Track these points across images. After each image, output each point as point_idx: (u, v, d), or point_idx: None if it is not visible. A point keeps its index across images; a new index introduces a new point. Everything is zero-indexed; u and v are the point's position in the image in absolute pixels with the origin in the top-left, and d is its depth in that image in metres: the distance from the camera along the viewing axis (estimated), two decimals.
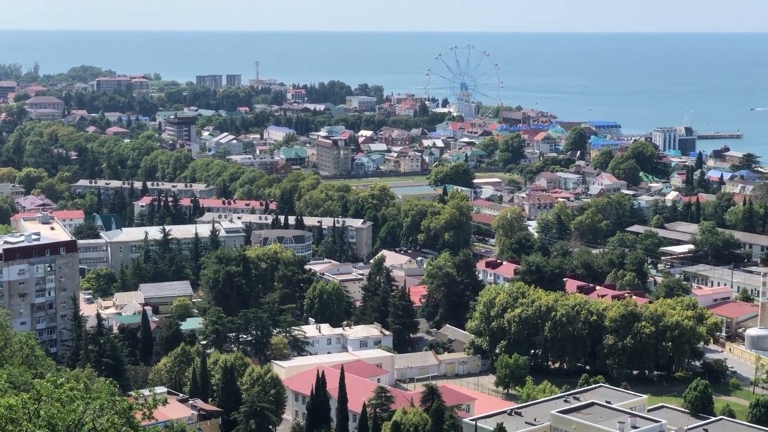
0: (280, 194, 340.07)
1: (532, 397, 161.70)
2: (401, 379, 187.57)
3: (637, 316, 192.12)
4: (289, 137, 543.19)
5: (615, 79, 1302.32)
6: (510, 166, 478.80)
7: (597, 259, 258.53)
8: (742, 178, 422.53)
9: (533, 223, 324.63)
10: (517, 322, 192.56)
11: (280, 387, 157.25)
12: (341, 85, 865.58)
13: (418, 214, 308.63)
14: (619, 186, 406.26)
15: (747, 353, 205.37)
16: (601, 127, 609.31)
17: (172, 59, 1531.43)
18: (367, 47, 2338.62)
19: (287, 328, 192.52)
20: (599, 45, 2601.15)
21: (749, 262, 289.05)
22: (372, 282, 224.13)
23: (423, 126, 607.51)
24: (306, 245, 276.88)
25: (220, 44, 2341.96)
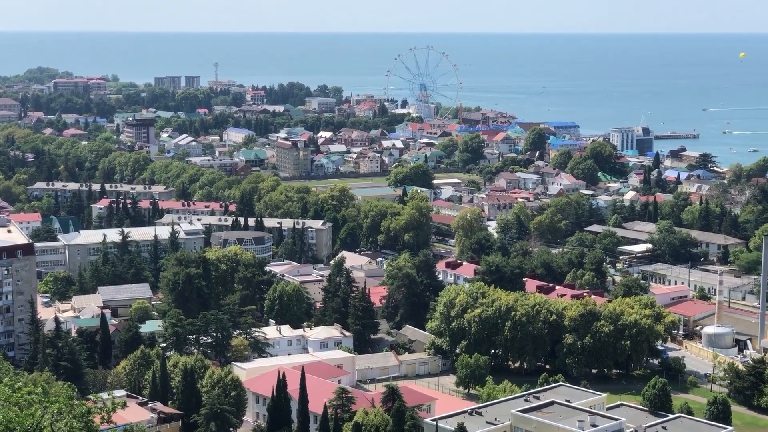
0: (239, 196, 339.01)
1: (492, 396, 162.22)
2: (362, 380, 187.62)
3: (596, 315, 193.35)
4: (249, 139, 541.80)
5: (573, 79, 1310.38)
6: (469, 166, 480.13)
7: (556, 259, 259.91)
8: (699, 177, 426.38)
9: (493, 224, 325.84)
10: (477, 322, 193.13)
11: (240, 389, 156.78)
12: (300, 87, 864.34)
13: (377, 215, 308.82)
14: (578, 186, 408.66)
15: (704, 351, 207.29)
16: (559, 127, 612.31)
17: (130, 60, 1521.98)
18: (326, 48, 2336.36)
19: (248, 330, 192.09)
20: (558, 46, 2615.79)
21: (706, 260, 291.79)
22: (332, 283, 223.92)
23: (382, 127, 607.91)
24: (266, 247, 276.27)
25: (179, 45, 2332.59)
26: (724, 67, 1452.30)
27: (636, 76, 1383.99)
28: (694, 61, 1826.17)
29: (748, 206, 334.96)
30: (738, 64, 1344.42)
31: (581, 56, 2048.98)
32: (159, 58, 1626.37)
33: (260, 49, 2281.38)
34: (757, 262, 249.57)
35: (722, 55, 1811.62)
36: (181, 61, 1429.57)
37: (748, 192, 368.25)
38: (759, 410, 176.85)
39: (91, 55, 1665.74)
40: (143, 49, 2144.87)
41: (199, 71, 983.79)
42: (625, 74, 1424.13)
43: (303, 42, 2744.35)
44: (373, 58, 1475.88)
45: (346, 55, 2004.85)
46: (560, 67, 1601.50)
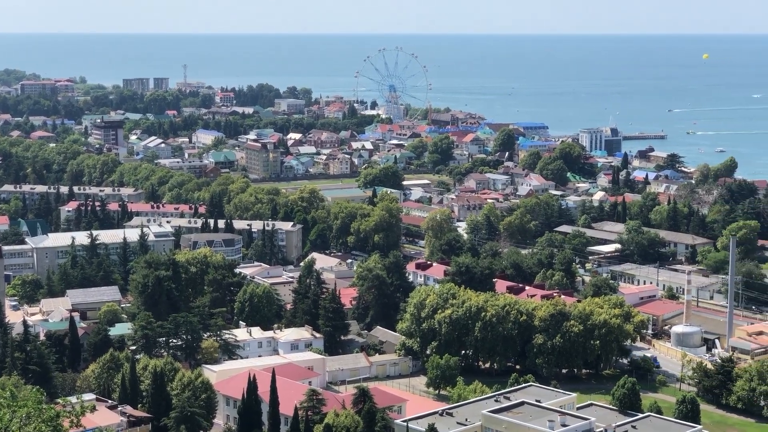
0: (209, 198, 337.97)
1: (463, 397, 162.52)
2: (333, 381, 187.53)
3: (566, 315, 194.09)
4: (218, 140, 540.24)
5: (542, 80, 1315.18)
6: (439, 167, 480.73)
7: (526, 260, 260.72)
8: (667, 177, 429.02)
9: (462, 224, 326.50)
10: (447, 323, 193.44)
11: (210, 391, 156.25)
12: (270, 88, 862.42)
13: (347, 216, 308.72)
14: (547, 186, 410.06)
15: (673, 350, 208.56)
16: (528, 128, 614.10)
17: (98, 62, 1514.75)
18: (295, 50, 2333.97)
19: (218, 332, 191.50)
20: (527, 47, 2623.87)
21: (674, 260, 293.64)
22: (302, 285, 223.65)
23: (352, 128, 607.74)
24: (236, 248, 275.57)
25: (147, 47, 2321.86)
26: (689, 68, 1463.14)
27: (604, 76, 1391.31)
28: (660, 62, 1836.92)
29: (716, 206, 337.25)
30: (702, 65, 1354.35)
31: (550, 57, 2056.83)
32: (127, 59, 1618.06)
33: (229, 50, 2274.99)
34: (724, 262, 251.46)
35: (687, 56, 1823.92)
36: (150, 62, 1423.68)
37: (716, 192, 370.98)
38: (727, 409, 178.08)
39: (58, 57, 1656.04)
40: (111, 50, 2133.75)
41: (167, 73, 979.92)
42: (594, 75, 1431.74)
43: (272, 43, 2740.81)
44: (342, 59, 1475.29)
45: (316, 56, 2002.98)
46: (529, 69, 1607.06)
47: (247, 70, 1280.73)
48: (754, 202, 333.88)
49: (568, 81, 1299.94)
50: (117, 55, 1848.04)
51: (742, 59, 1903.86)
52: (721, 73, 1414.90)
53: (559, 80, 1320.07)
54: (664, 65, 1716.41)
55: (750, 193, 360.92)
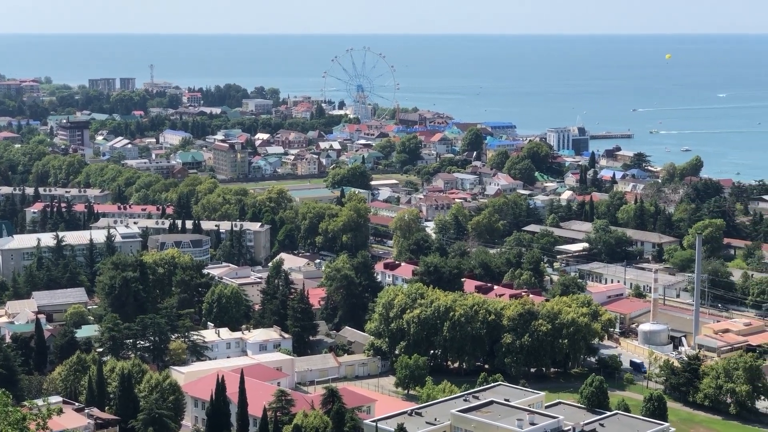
0: (176, 198, 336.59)
1: (432, 397, 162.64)
2: (301, 382, 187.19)
3: (534, 314, 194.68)
4: (186, 141, 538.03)
5: (510, 80, 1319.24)
6: (407, 167, 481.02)
7: (494, 259, 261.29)
8: (634, 177, 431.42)
9: (431, 224, 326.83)
10: (416, 322, 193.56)
11: (179, 393, 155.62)
12: (237, 88, 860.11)
13: (315, 216, 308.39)
14: (515, 186, 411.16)
15: (640, 348, 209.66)
16: (496, 127, 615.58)
17: (64, 62, 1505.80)
18: (262, 50, 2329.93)
19: (186, 333, 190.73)
20: (494, 47, 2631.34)
21: (641, 259, 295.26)
22: (271, 285, 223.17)
23: (320, 128, 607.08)
24: (204, 249, 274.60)
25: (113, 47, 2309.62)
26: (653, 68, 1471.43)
27: (572, 76, 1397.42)
28: (626, 61, 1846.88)
29: (682, 205, 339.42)
30: (665, 65, 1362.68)
31: (518, 57, 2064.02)
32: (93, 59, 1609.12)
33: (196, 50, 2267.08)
34: (690, 260, 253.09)
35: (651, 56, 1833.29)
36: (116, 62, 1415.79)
37: (682, 191, 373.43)
38: (694, 406, 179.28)
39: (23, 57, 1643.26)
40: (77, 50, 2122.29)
41: (134, 73, 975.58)
42: (561, 75, 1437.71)
43: (239, 44, 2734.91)
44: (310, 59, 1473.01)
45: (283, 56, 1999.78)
46: (497, 68, 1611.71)
47: (215, 71, 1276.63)
48: (720, 201, 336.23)
49: (536, 80, 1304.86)
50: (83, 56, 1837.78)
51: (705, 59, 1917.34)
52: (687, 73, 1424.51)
53: (527, 80, 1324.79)
54: (629, 65, 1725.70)
55: (715, 191, 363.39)
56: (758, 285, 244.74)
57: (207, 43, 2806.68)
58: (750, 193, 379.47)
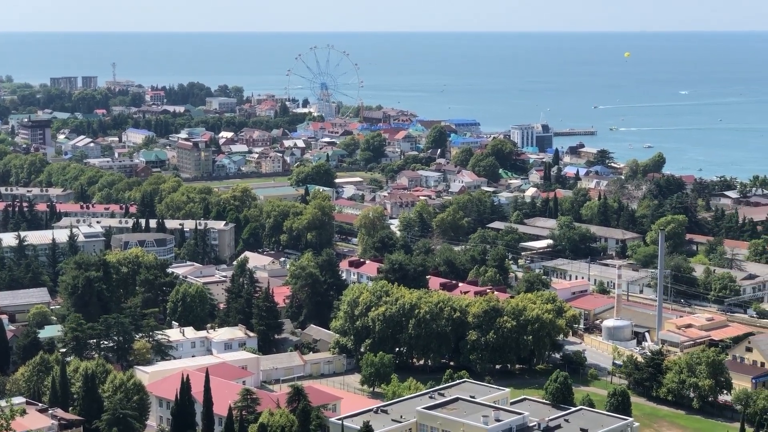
0: (140, 197, 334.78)
1: (397, 394, 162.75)
2: (267, 380, 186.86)
3: (499, 311, 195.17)
4: (149, 140, 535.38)
5: (474, 77, 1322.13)
6: (371, 165, 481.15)
7: (459, 256, 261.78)
8: (597, 173, 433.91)
9: (395, 222, 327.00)
10: (381, 320, 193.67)
11: (143, 393, 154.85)
12: (201, 87, 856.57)
13: (280, 214, 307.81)
14: (480, 183, 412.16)
15: (604, 344, 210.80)
16: (460, 125, 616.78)
17: (25, 61, 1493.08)
18: (226, 48, 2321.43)
19: (150, 333, 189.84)
20: (458, 44, 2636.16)
21: (605, 255, 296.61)
22: (235, 284, 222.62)
23: (284, 126, 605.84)
24: (168, 248, 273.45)
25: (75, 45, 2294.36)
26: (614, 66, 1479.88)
27: (534, 73, 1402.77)
28: (586, 59, 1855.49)
29: (645, 201, 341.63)
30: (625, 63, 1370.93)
31: (482, 54, 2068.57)
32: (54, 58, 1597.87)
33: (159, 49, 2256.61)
34: (653, 256, 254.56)
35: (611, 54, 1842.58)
36: (78, 61, 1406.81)
37: (645, 187, 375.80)
38: (658, 401, 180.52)
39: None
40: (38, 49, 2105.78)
41: (96, 71, 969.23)
42: (525, 72, 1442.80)
43: (203, 42, 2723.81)
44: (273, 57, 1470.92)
45: (247, 54, 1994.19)
46: (461, 66, 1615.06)
47: (178, 69, 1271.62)
48: (682, 197, 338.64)
49: (500, 78, 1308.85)
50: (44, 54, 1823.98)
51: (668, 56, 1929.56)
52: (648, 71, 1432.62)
53: (491, 77, 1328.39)
54: (590, 62, 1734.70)
55: (678, 188, 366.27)
56: (720, 280, 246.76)
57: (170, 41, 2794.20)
58: (711, 189, 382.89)
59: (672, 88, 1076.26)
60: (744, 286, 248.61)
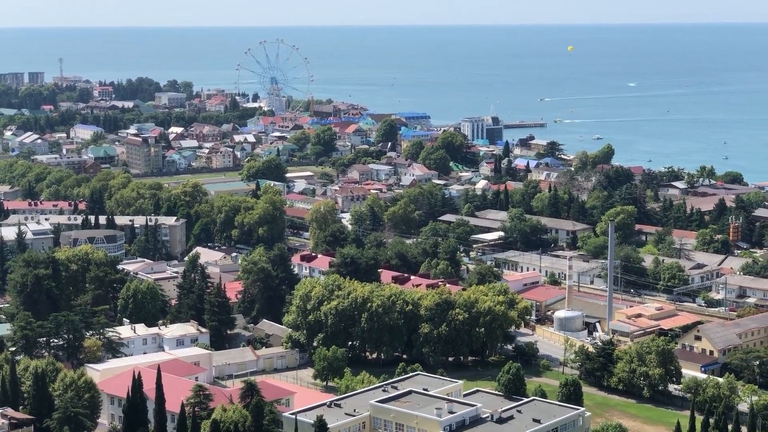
0: (89, 194, 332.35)
1: (350, 388, 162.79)
2: (220, 376, 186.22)
3: (451, 303, 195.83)
4: (98, 136, 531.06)
5: (424, 70, 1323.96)
6: (322, 159, 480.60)
7: (411, 249, 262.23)
8: (547, 165, 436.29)
9: (347, 216, 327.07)
10: (333, 314, 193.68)
11: (94, 391, 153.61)
12: (150, 82, 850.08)
13: (231, 209, 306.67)
14: (430, 176, 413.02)
15: (556, 335, 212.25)
16: (411, 118, 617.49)
17: None
18: (174, 43, 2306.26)
19: (101, 330, 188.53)
20: (407, 38, 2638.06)
21: (555, 246, 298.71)
22: (187, 280, 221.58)
23: (234, 121, 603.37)
24: (118, 245, 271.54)
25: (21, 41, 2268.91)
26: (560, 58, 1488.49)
27: (483, 66, 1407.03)
28: (532, 52, 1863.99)
29: (594, 192, 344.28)
30: (571, 56, 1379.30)
31: (431, 48, 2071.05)
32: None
33: (107, 44, 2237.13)
34: (603, 247, 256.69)
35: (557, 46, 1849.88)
36: (24, 57, 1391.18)
37: (594, 179, 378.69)
38: (609, 390, 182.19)
39: None
40: None
41: (42, 67, 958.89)
42: (475, 65, 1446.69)
43: (151, 37, 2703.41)
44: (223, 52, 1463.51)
45: (196, 49, 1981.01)
46: (410, 59, 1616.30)
47: (126, 64, 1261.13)
48: (631, 188, 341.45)
49: (449, 70, 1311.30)
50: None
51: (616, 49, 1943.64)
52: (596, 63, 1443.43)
53: (441, 70, 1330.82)
54: (536, 55, 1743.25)
55: (627, 179, 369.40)
56: (669, 270, 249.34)
57: (117, 36, 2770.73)
58: (660, 180, 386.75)
59: (621, 80, 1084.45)
60: (692, 276, 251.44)
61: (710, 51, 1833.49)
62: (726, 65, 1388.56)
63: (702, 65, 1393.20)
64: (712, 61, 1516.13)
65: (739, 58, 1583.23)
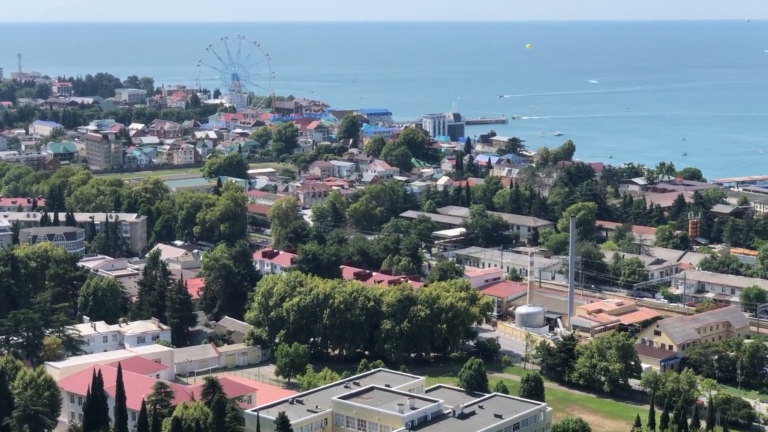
0: (48, 191, 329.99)
1: (312, 384, 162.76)
2: (181, 373, 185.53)
3: (413, 300, 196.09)
4: (57, 132, 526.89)
5: (386, 67, 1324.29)
6: (284, 155, 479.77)
7: (372, 246, 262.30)
8: (509, 161, 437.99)
9: (308, 212, 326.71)
10: (295, 310, 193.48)
11: (54, 389, 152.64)
12: (110, 78, 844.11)
13: (192, 206, 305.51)
14: (392, 172, 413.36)
15: (517, 331, 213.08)
16: (372, 114, 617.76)
17: None
18: (134, 39, 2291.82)
19: (60, 328, 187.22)
20: (370, 34, 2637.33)
21: (517, 242, 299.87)
22: (148, 277, 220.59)
23: (195, 118, 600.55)
24: (78, 242, 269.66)
25: None
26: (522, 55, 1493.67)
27: (446, 62, 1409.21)
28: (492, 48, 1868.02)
29: (556, 188, 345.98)
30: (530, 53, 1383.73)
31: (392, 44, 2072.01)
32: None
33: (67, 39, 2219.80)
34: (565, 243, 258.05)
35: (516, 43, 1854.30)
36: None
37: (555, 175, 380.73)
38: (570, 385, 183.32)
39: None
40: None
41: (1, 63, 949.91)
42: (436, 61, 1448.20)
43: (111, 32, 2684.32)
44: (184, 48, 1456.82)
45: (157, 45, 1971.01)
46: (372, 55, 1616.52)
47: (86, 60, 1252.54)
48: (592, 184, 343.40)
49: (412, 67, 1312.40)
50: None
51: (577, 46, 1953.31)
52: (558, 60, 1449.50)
53: (403, 66, 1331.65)
54: (496, 52, 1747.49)
55: (587, 175, 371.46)
56: (629, 265, 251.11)
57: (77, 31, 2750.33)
58: (620, 176, 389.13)
59: (582, 77, 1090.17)
60: (652, 271, 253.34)
61: (671, 48, 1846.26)
62: (686, 62, 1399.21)
63: (662, 62, 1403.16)
64: (673, 58, 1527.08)
65: (699, 55, 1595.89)
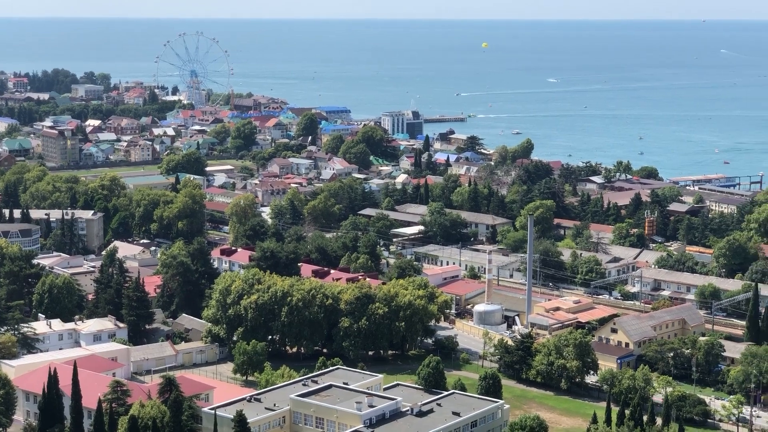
0: (3, 187, 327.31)
1: (270, 382, 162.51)
2: (138, 371, 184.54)
3: (371, 297, 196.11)
4: (12, 128, 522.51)
5: (344, 64, 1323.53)
6: (242, 153, 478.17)
7: (331, 243, 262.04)
8: (467, 159, 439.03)
9: (267, 210, 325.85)
10: (253, 308, 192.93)
11: (9, 387, 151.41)
12: (66, 74, 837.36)
13: (150, 203, 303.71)
14: (351, 170, 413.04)
15: (475, 328, 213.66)
16: (331, 112, 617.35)
17: None
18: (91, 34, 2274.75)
19: (15, 326, 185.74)
20: (329, 31, 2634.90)
21: (475, 240, 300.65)
22: (104, 274, 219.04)
23: (153, 114, 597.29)
24: (33, 239, 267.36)
25: None
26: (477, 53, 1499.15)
27: (405, 60, 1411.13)
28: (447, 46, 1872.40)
29: (514, 187, 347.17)
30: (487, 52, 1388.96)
31: (353, 41, 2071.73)
32: None
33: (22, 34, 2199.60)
34: (523, 241, 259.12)
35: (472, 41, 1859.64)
36: None
37: (514, 173, 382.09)
38: (527, 383, 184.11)
39: None
40: None
41: None
42: (395, 59, 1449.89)
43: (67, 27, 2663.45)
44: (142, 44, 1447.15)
45: (114, 41, 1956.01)
46: (331, 53, 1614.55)
47: (42, 55, 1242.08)
48: (550, 182, 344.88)
49: (370, 65, 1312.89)
50: None
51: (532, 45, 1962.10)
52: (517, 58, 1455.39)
53: (362, 64, 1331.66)
54: (452, 49, 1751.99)
55: (546, 173, 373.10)
56: (586, 263, 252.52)
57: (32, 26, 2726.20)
58: (578, 174, 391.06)
59: (541, 76, 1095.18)
60: (609, 269, 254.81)
61: (628, 47, 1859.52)
62: (643, 62, 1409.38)
63: (620, 62, 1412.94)
64: (630, 57, 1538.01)
65: (656, 54, 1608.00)
